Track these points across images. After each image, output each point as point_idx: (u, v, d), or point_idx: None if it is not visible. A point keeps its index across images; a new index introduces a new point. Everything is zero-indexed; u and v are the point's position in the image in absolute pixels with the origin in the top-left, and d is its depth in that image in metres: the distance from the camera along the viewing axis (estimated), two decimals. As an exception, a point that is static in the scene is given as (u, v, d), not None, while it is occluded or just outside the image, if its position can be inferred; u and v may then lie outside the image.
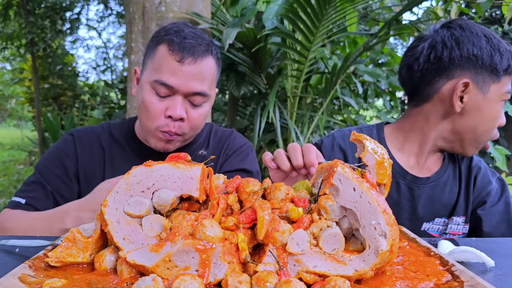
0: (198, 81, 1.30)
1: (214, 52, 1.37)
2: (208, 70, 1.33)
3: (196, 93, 1.30)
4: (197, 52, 1.29)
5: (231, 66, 3.97)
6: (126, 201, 0.73)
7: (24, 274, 0.67)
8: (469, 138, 1.36)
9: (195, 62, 1.29)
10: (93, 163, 1.45)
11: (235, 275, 0.64)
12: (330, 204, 0.70)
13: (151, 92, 1.31)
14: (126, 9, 2.80)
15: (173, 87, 1.28)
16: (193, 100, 1.32)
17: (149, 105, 1.31)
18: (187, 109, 1.32)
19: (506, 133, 7.62)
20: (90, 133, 1.50)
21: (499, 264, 0.81)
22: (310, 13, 3.04)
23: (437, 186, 1.42)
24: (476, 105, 1.31)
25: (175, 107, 1.28)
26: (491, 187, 1.44)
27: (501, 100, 1.33)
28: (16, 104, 15.26)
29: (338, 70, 3.40)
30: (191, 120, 1.34)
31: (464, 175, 1.46)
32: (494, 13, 7.40)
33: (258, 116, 3.59)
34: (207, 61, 1.32)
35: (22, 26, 7.38)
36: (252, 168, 1.54)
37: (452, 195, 1.43)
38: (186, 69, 1.28)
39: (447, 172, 1.44)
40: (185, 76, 1.28)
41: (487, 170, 1.49)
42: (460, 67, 1.29)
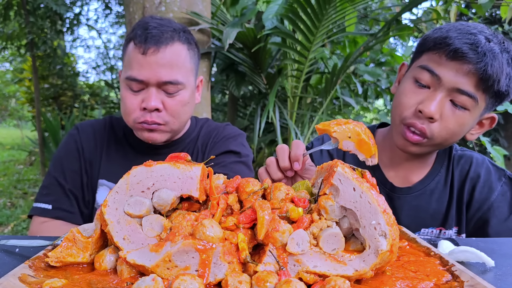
0: (165, 69, 1.29)
1: (182, 37, 1.35)
2: (176, 57, 1.32)
3: (167, 82, 1.30)
4: (159, 40, 1.29)
5: (231, 66, 3.97)
6: (126, 201, 0.73)
7: (24, 274, 0.67)
8: (392, 122, 1.28)
9: (159, 51, 1.28)
10: (94, 153, 1.49)
11: (235, 275, 0.64)
12: (330, 204, 0.70)
13: (126, 89, 1.34)
14: (126, 9, 2.80)
15: (142, 80, 1.29)
16: (166, 90, 1.32)
17: (125, 101, 1.33)
18: (163, 99, 1.32)
19: (506, 133, 7.62)
20: (94, 125, 1.53)
21: (499, 264, 0.81)
22: (310, 13, 3.03)
23: (422, 196, 1.32)
24: (399, 85, 1.28)
25: (149, 99, 1.29)
26: (493, 198, 1.28)
27: (412, 76, 1.20)
28: (16, 104, 15.26)
29: (338, 70, 3.40)
30: (169, 109, 1.33)
31: (457, 183, 1.33)
32: (494, 13, 7.40)
33: (258, 116, 3.58)
34: (173, 47, 1.31)
35: (22, 26, 7.38)
36: (239, 150, 1.51)
37: (440, 204, 1.32)
38: (151, 60, 1.28)
39: (436, 180, 1.33)
40: (151, 67, 1.28)
41: (490, 174, 1.32)
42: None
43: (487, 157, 1.44)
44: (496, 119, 1.26)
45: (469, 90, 1.12)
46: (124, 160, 1.47)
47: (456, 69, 1.12)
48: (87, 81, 11.14)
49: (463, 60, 1.11)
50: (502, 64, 1.12)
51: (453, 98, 1.14)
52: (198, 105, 2.87)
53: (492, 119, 1.26)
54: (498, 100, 1.19)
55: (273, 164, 1.06)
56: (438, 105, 1.14)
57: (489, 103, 1.18)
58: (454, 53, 1.12)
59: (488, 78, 1.11)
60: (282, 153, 1.05)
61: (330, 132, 0.95)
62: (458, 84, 1.13)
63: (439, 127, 1.16)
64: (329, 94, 3.59)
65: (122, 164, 1.46)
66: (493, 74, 1.10)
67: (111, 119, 1.56)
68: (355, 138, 0.95)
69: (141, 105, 1.31)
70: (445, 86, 1.14)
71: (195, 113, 2.84)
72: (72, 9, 8.01)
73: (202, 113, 2.91)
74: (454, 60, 1.13)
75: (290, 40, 3.40)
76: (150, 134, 1.35)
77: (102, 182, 1.46)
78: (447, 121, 1.16)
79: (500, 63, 1.11)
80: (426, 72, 1.16)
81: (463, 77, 1.12)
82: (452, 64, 1.13)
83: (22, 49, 8.71)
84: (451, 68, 1.13)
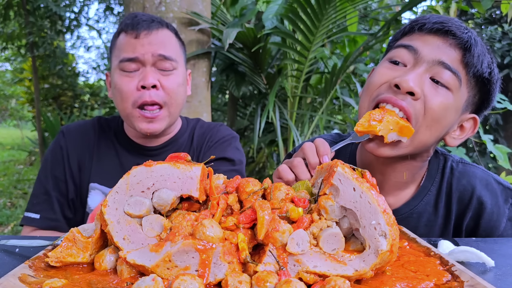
0: (159, 46, 1.33)
1: (170, 27, 1.41)
2: (168, 39, 1.37)
3: (162, 57, 1.33)
4: (151, 25, 1.34)
5: (231, 66, 3.97)
6: (126, 201, 0.73)
7: (24, 274, 0.67)
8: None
9: (151, 33, 1.33)
10: (82, 156, 1.47)
11: (235, 275, 0.64)
12: (330, 204, 0.70)
13: (121, 74, 1.34)
14: (126, 9, 2.80)
15: (137, 57, 1.31)
16: (161, 66, 1.34)
17: (121, 85, 1.33)
18: (159, 78, 1.34)
19: (506, 133, 7.62)
20: (81, 127, 1.52)
21: (499, 264, 0.81)
22: (310, 13, 3.03)
23: (409, 219, 1.13)
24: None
25: (146, 76, 1.31)
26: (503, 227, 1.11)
27: (386, 59, 1.07)
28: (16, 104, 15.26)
29: (338, 70, 3.40)
30: (166, 88, 1.35)
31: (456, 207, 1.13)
32: (494, 13, 7.40)
33: (258, 116, 3.58)
34: (164, 31, 1.37)
35: (22, 26, 7.38)
36: (234, 157, 1.51)
37: (430, 229, 1.14)
38: (144, 41, 1.32)
39: (425, 200, 1.14)
40: (144, 46, 1.32)
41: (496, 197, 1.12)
42: None
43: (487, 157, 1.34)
44: (478, 121, 1.10)
45: (452, 65, 0.98)
46: (115, 162, 1.46)
47: (437, 44, 1.00)
48: (87, 81, 11.14)
49: (445, 32, 1.00)
50: (483, 47, 1.02)
51: (434, 74, 0.98)
52: (198, 105, 2.87)
53: (474, 120, 1.10)
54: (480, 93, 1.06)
55: (301, 164, 1.01)
56: (418, 78, 0.97)
57: (470, 97, 1.04)
58: (433, 25, 1.00)
59: (473, 54, 0.98)
60: (311, 150, 1.02)
61: (375, 132, 0.97)
62: (440, 56, 0.98)
63: (424, 107, 0.97)
64: (329, 94, 3.59)
65: (114, 165, 1.45)
66: (477, 50, 0.99)
67: (99, 119, 1.55)
68: (396, 127, 0.98)
69: (138, 85, 1.32)
70: (424, 60, 0.99)
71: (195, 113, 2.84)
72: (72, 10, 8.01)
73: (202, 113, 2.90)
74: (434, 33, 1.01)
75: (290, 40, 3.40)
76: (149, 124, 1.34)
77: (94, 185, 1.45)
78: (431, 99, 0.97)
79: (482, 44, 1.02)
80: (401, 49, 1.02)
81: (446, 51, 0.99)
82: (432, 39, 1.01)
83: (22, 49, 8.71)
84: (431, 43, 1.00)
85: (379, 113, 0.99)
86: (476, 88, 1.04)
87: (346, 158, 1.26)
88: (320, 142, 1.04)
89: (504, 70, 7.04)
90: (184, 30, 2.77)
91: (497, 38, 6.98)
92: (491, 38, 7.01)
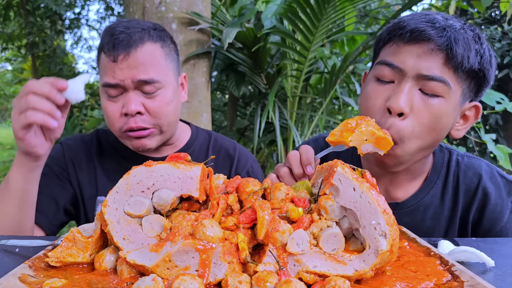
0: (139, 70, 1.26)
1: (153, 35, 1.31)
2: (149, 57, 1.28)
3: (143, 82, 1.26)
4: (128, 44, 1.25)
5: (231, 66, 3.97)
6: (126, 201, 0.73)
7: (24, 274, 0.67)
8: None
9: (129, 56, 1.25)
10: (82, 170, 1.43)
11: (235, 275, 0.64)
12: (330, 204, 0.70)
13: (105, 98, 1.30)
14: (126, 9, 2.80)
15: (117, 84, 1.26)
16: (144, 90, 1.27)
17: (106, 110, 1.30)
18: (143, 102, 1.28)
19: (506, 133, 7.62)
20: (79, 141, 1.48)
21: (499, 264, 0.81)
22: (310, 13, 3.04)
23: (415, 212, 1.15)
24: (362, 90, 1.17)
25: (128, 103, 1.25)
26: (506, 218, 1.13)
27: (373, 75, 1.07)
28: (16, 104, 15.22)
29: (337, 70, 3.40)
30: (151, 111, 1.28)
31: (463, 199, 1.15)
32: (494, 13, 7.40)
33: (258, 116, 3.58)
34: (144, 48, 1.27)
35: (22, 26, 7.38)
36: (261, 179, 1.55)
37: (436, 221, 1.15)
38: (123, 65, 1.25)
39: (431, 193, 1.16)
40: (123, 70, 1.25)
41: (500, 190, 1.15)
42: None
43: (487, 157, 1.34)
44: (480, 108, 1.09)
45: (435, 74, 0.97)
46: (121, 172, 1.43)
47: (417, 53, 0.98)
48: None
49: (422, 40, 0.98)
50: (467, 40, 0.98)
51: (421, 86, 0.99)
52: (198, 105, 2.87)
53: (476, 108, 1.10)
54: (475, 83, 1.05)
55: (287, 175, 1.00)
56: (407, 96, 0.98)
57: (465, 88, 1.03)
58: (410, 34, 0.99)
59: (455, 55, 0.96)
60: (295, 160, 1.00)
61: (346, 143, 0.92)
62: (422, 69, 0.97)
63: (412, 124, 0.99)
64: (329, 94, 3.59)
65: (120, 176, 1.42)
66: (459, 49, 0.96)
67: (97, 132, 1.51)
68: (371, 138, 0.92)
69: (122, 111, 1.27)
70: (409, 75, 0.99)
71: (195, 113, 2.85)
72: (73, 9, 8.02)
73: (202, 113, 2.91)
74: (412, 42, 0.99)
75: (289, 40, 3.41)
76: (138, 141, 1.31)
77: (101, 199, 1.41)
78: (419, 114, 0.99)
79: (465, 38, 0.98)
80: (385, 67, 1.03)
81: (427, 59, 0.98)
82: (411, 48, 0.99)
83: (22, 49, 8.72)
84: (411, 53, 0.99)
85: (355, 121, 0.94)
86: (469, 79, 1.03)
87: (349, 154, 1.26)
88: (303, 150, 1.00)
89: (504, 70, 7.04)
90: (184, 30, 2.77)
91: (497, 38, 6.98)
92: (491, 38, 7.01)
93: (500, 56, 6.89)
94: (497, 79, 7.46)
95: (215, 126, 5.45)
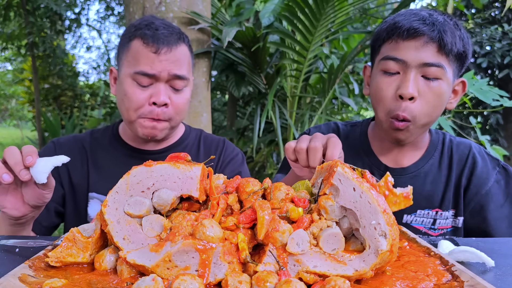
0: (176, 66, 1.35)
1: (186, 40, 1.43)
2: (183, 57, 1.39)
3: (176, 77, 1.35)
4: (170, 41, 1.35)
5: (230, 66, 3.97)
6: (126, 201, 0.73)
7: (24, 274, 0.67)
8: (377, 118, 1.34)
9: (171, 51, 1.34)
10: (75, 169, 1.45)
11: (235, 275, 0.64)
12: (330, 204, 0.70)
13: (133, 84, 1.35)
14: (126, 9, 2.80)
15: (154, 75, 1.32)
16: (174, 85, 1.36)
17: (132, 96, 1.34)
18: (170, 95, 1.36)
19: (506, 133, 7.63)
20: (72, 140, 1.51)
21: (499, 264, 0.81)
22: (308, 12, 3.04)
23: (417, 177, 1.37)
24: (370, 83, 1.35)
25: (159, 94, 1.33)
26: (490, 184, 1.35)
27: (380, 70, 1.27)
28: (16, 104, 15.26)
29: (336, 70, 3.40)
30: (175, 105, 1.37)
31: (456, 167, 1.38)
32: (494, 13, 7.41)
33: (258, 116, 3.58)
34: (181, 48, 1.38)
35: (22, 26, 7.38)
36: (247, 174, 1.61)
37: (435, 186, 1.37)
38: (162, 58, 1.33)
39: (430, 162, 1.39)
40: (162, 64, 1.33)
41: (486, 162, 1.38)
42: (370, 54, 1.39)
43: None
44: (466, 83, 1.34)
45: (433, 61, 1.20)
46: (114, 170, 1.43)
47: (415, 46, 1.21)
48: (87, 81, 11.15)
49: (418, 35, 1.20)
50: (452, 29, 1.21)
51: (424, 73, 1.21)
52: (198, 105, 2.87)
53: (463, 83, 1.34)
54: (460, 63, 1.27)
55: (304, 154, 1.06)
56: (413, 83, 1.21)
57: (455, 68, 1.26)
58: (407, 32, 1.21)
59: (446, 43, 1.19)
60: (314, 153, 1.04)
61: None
62: (422, 59, 1.20)
63: (420, 105, 1.22)
64: (328, 94, 3.59)
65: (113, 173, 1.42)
66: (448, 38, 1.19)
67: (91, 132, 1.55)
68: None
69: (150, 100, 1.34)
70: (412, 65, 1.21)
71: (195, 113, 2.85)
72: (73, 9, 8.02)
73: (202, 113, 2.91)
74: (409, 39, 1.22)
75: (289, 40, 3.41)
76: (152, 130, 1.37)
77: (93, 195, 1.44)
78: (426, 96, 1.22)
79: (450, 28, 1.21)
80: (390, 61, 1.24)
81: (424, 50, 1.20)
82: (409, 43, 1.22)
83: (22, 49, 8.72)
84: (410, 47, 1.21)
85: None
86: (456, 60, 1.25)
87: (356, 138, 1.47)
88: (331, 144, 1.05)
89: (504, 70, 7.05)
90: (184, 30, 2.74)
91: (497, 38, 6.98)
92: (491, 38, 7.01)
93: (500, 56, 6.89)
94: (497, 79, 7.47)
95: (215, 126, 5.45)
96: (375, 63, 1.32)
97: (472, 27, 7.44)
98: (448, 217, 1.37)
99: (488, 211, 1.33)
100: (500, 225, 1.33)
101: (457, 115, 4.47)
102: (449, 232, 1.38)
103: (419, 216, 1.36)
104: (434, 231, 1.37)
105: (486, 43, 7.01)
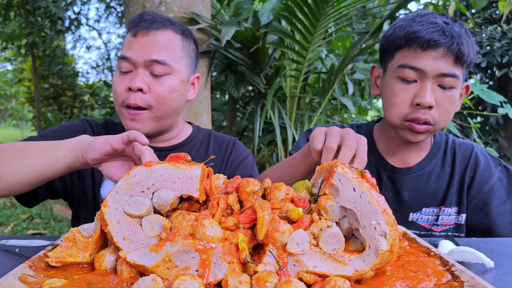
0: (153, 49, 1.31)
1: (177, 28, 1.38)
2: (165, 42, 1.34)
3: (153, 61, 1.31)
4: (151, 25, 1.33)
5: (230, 67, 3.97)
6: (126, 201, 0.73)
7: (24, 274, 0.67)
8: (387, 120, 1.36)
9: (148, 34, 1.32)
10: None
11: (235, 275, 0.64)
12: (330, 204, 0.70)
13: (117, 72, 1.35)
14: (126, 9, 2.80)
15: (130, 58, 1.31)
16: (152, 70, 1.32)
17: (114, 84, 1.35)
18: (149, 82, 1.32)
19: (506, 133, 7.62)
20: (94, 123, 1.53)
21: (499, 264, 0.81)
22: (307, 12, 3.04)
23: (421, 176, 1.42)
24: (382, 86, 1.38)
25: (134, 79, 1.30)
26: (493, 182, 1.39)
27: (396, 76, 1.30)
28: (16, 104, 15.26)
29: (335, 70, 3.40)
30: (155, 92, 1.32)
31: (459, 166, 1.42)
32: (493, 13, 7.40)
33: (258, 116, 3.58)
34: (164, 33, 1.34)
35: (22, 26, 7.38)
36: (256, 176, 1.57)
37: (439, 184, 1.41)
38: (140, 40, 1.31)
39: (434, 162, 1.43)
40: (139, 46, 1.31)
41: (488, 161, 1.43)
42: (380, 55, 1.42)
43: None
44: (470, 86, 1.40)
45: (451, 71, 1.24)
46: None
47: (434, 57, 1.24)
48: (87, 81, 11.15)
49: (437, 47, 1.23)
50: (467, 40, 1.26)
51: (440, 83, 1.25)
52: (198, 105, 2.87)
53: (467, 87, 1.39)
54: (468, 69, 1.32)
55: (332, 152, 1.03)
56: (431, 93, 1.25)
57: (464, 76, 1.32)
58: (427, 43, 1.24)
59: (462, 55, 1.24)
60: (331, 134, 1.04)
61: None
62: (440, 69, 1.24)
63: (438, 112, 1.27)
64: (327, 94, 3.59)
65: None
66: (465, 49, 1.24)
67: (107, 122, 1.55)
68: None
69: (127, 86, 1.31)
70: (430, 75, 1.25)
71: (195, 113, 2.85)
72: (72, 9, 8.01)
73: (202, 113, 2.90)
74: (429, 49, 1.24)
75: (288, 40, 3.40)
76: (132, 123, 1.33)
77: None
78: (442, 104, 1.27)
79: (465, 38, 1.25)
80: (408, 70, 1.27)
81: (441, 61, 1.24)
82: (429, 54, 1.24)
83: (22, 49, 8.72)
84: (429, 58, 1.24)
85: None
86: (467, 68, 1.31)
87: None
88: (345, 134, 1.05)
89: (503, 69, 7.04)
90: (184, 30, 2.77)
91: (497, 37, 6.98)
92: (491, 38, 7.01)
93: (500, 56, 6.88)
94: (497, 79, 7.46)
95: (215, 126, 5.45)
96: (388, 68, 1.35)
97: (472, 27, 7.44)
98: (451, 214, 1.40)
99: (491, 207, 1.37)
100: (503, 220, 1.36)
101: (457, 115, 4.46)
102: (451, 228, 1.40)
103: (425, 214, 1.40)
104: (437, 227, 1.41)
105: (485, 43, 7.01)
